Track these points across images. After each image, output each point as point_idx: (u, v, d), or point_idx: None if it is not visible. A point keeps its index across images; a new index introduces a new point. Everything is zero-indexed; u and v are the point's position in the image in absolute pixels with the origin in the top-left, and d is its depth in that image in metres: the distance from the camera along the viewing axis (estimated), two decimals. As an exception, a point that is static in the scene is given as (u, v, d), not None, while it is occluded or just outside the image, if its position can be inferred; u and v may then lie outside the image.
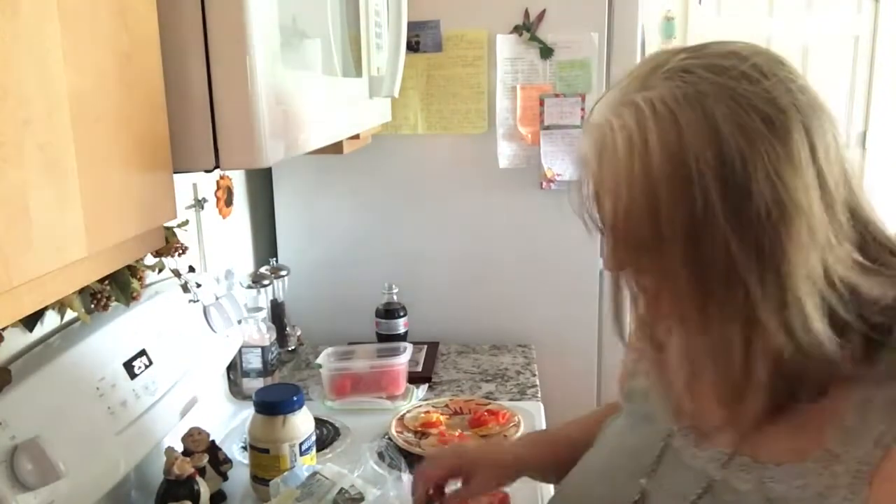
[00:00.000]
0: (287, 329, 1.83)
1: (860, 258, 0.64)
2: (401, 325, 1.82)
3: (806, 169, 0.61)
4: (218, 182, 1.64)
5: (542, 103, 1.80)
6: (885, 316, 0.64)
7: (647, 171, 0.62)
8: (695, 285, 0.64)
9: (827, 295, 0.63)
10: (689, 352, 0.72)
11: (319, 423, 1.43)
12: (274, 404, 1.21)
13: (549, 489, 1.25)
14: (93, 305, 1.07)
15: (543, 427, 1.49)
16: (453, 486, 0.97)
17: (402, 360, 1.59)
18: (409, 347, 1.64)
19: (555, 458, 0.97)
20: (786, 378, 0.66)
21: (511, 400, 1.60)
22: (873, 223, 0.67)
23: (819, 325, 0.62)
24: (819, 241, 0.62)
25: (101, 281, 1.07)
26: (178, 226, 1.23)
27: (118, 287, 1.11)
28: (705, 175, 0.60)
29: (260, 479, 1.20)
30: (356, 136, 1.40)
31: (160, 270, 1.25)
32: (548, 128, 1.80)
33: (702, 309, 0.65)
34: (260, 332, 1.58)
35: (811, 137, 0.62)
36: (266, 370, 1.58)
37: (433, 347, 1.87)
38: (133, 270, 1.16)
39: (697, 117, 0.61)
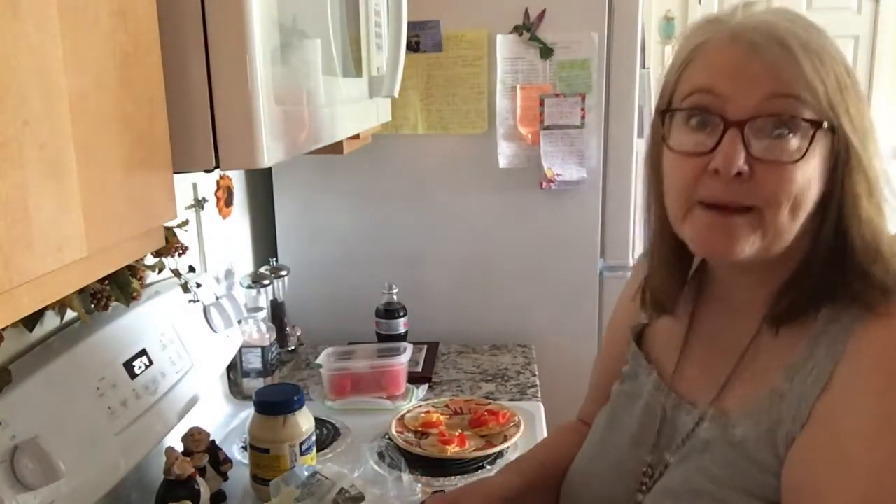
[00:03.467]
0: (287, 329, 1.83)
1: None
2: (401, 325, 1.82)
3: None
4: (218, 182, 1.64)
5: (542, 103, 1.80)
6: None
7: (842, 61, 0.75)
8: (846, 170, 0.73)
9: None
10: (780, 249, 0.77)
11: (319, 423, 1.43)
12: (274, 404, 1.21)
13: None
14: (93, 305, 1.07)
15: (543, 427, 1.49)
16: None
17: (402, 360, 1.59)
18: (409, 347, 1.64)
19: (525, 479, 0.97)
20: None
21: (511, 400, 1.60)
22: None
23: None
24: None
25: (101, 281, 1.08)
26: (178, 226, 1.23)
27: (118, 287, 1.11)
28: (855, 80, 0.76)
29: (260, 479, 1.20)
30: (356, 136, 1.40)
31: (160, 270, 1.25)
32: (548, 128, 1.80)
33: (835, 197, 0.73)
34: (260, 332, 1.58)
35: None
36: (266, 370, 1.58)
37: (433, 347, 1.87)
38: (133, 270, 1.16)
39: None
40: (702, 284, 0.89)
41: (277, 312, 1.81)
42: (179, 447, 1.18)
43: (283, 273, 1.82)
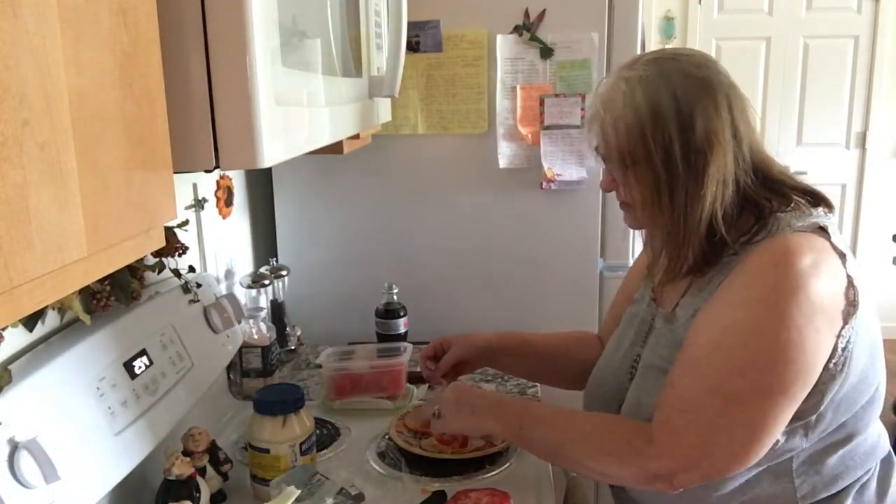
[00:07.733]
0: (287, 329, 1.83)
1: (751, 176, 1.06)
2: (401, 325, 1.82)
3: (724, 117, 1.03)
4: (218, 182, 1.64)
5: (542, 103, 1.80)
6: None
7: (636, 114, 1.04)
8: (661, 184, 1.05)
9: (729, 192, 1.04)
10: (656, 228, 1.14)
11: (319, 423, 1.43)
12: (274, 404, 1.21)
13: (550, 494, 1.26)
14: (93, 305, 1.07)
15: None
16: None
17: (403, 360, 1.59)
18: (409, 347, 1.64)
19: (515, 349, 1.44)
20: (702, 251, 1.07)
21: (511, 400, 1.60)
22: (766, 158, 1.08)
23: (719, 207, 1.03)
24: (728, 161, 1.03)
25: (101, 281, 1.08)
26: (178, 226, 1.23)
27: (118, 287, 1.11)
28: (668, 117, 1.02)
29: (260, 479, 1.20)
30: (356, 136, 1.40)
31: (160, 270, 1.25)
32: (548, 128, 1.80)
33: (662, 200, 1.06)
34: (260, 332, 1.58)
35: (729, 100, 1.04)
36: (266, 370, 1.58)
37: (433, 347, 1.87)
38: (133, 270, 1.16)
39: (662, 84, 1.03)
40: None
41: (277, 312, 1.81)
42: (179, 447, 1.19)
43: (283, 273, 1.82)
